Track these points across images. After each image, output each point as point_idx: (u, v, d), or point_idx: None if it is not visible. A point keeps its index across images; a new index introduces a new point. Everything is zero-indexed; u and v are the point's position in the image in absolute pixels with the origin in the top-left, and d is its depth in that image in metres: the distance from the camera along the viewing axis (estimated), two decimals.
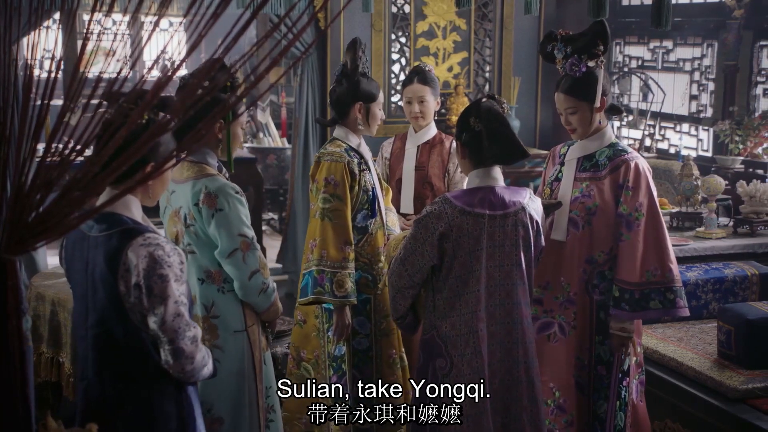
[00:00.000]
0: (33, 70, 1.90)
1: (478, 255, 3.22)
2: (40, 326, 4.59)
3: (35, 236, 1.78)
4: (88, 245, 2.70)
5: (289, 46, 1.70)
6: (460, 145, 3.34)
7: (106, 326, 2.69)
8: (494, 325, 3.28)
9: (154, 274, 2.62)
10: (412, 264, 3.27)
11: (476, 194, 3.25)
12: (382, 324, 4.09)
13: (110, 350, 2.72)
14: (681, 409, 4.23)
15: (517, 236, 3.26)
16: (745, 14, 6.56)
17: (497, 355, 3.29)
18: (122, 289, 2.63)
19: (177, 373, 2.71)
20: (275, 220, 9.73)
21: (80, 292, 2.76)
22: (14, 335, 1.80)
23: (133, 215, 2.73)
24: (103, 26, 1.87)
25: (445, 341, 3.27)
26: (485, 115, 3.26)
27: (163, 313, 2.64)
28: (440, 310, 3.28)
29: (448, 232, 3.20)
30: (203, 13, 1.68)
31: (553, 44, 3.77)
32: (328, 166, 3.92)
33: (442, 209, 3.21)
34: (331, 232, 3.88)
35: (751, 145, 6.38)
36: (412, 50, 7.85)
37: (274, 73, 9.19)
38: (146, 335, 2.69)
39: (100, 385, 2.73)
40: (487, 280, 3.25)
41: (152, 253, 2.63)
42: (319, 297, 3.87)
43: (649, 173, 3.76)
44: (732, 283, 4.89)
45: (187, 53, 1.72)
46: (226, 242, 3.30)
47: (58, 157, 1.82)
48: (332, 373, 4.02)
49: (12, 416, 1.81)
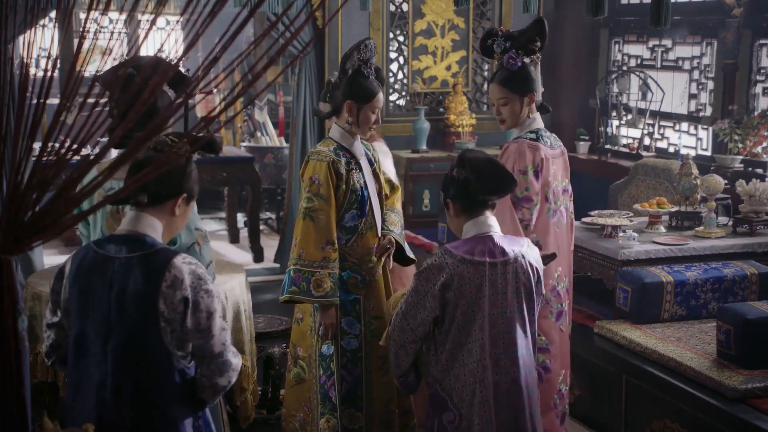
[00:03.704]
0: (29, 68, 1.88)
1: (480, 303, 3.21)
2: (36, 327, 4.56)
3: (31, 236, 1.77)
4: (113, 268, 2.69)
5: (287, 45, 1.69)
6: (450, 203, 3.33)
7: (131, 347, 2.68)
8: (499, 374, 3.26)
9: (201, 290, 2.68)
10: (414, 317, 3.27)
11: (475, 242, 3.25)
12: (373, 325, 4.05)
13: (133, 372, 2.69)
14: (680, 409, 4.22)
15: (518, 283, 3.26)
16: (745, 12, 6.55)
17: (503, 404, 3.26)
18: (161, 307, 2.64)
19: (218, 388, 2.76)
20: (273, 219, 9.71)
21: (99, 316, 2.71)
22: (10, 335, 1.79)
23: (159, 237, 2.77)
24: (99, 25, 1.86)
25: (450, 394, 3.26)
26: (467, 163, 3.27)
27: (211, 326, 2.70)
28: (442, 363, 3.27)
29: (450, 282, 3.20)
30: (200, 11, 1.67)
31: (493, 39, 4.08)
32: (313, 166, 3.91)
33: (442, 260, 3.22)
34: (313, 231, 3.86)
35: (751, 144, 6.36)
36: (410, 49, 7.84)
37: (271, 72, 9.18)
38: (174, 358, 2.70)
39: (117, 410, 2.70)
40: (491, 329, 3.24)
41: (195, 271, 2.70)
42: (293, 296, 3.87)
43: (519, 155, 3.97)
44: (731, 283, 4.88)
45: (185, 52, 1.71)
46: (185, 237, 3.40)
47: (54, 156, 1.81)
48: (321, 372, 4.01)
49: (8, 417, 1.80)
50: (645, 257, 4.97)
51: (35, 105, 1.82)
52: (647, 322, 4.77)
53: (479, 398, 3.22)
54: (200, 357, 2.74)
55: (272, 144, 9.55)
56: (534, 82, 4.05)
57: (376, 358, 4.05)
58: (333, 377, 4.00)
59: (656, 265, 4.94)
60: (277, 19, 1.70)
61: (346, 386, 4.00)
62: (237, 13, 1.79)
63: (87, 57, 1.84)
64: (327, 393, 4.01)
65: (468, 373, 3.24)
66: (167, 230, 2.83)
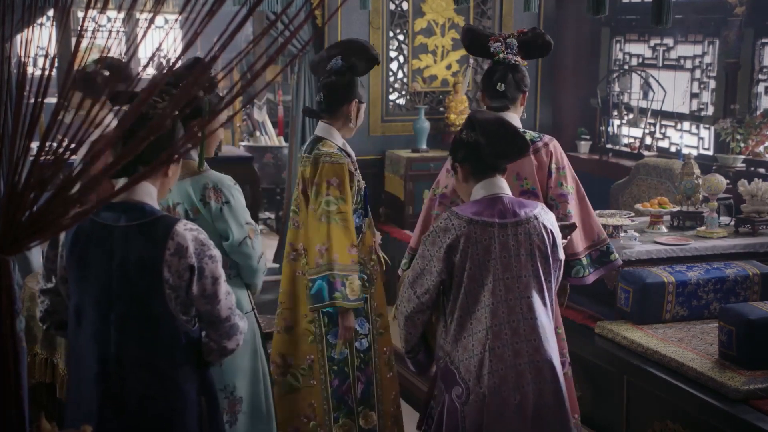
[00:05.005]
0: (27, 67, 1.87)
1: (489, 266, 3.05)
2: (34, 327, 4.55)
3: (29, 236, 1.76)
4: (113, 236, 2.67)
5: (286, 44, 1.67)
6: (459, 167, 3.19)
7: (136, 316, 2.67)
8: (519, 342, 3.06)
9: (205, 256, 2.68)
10: (420, 284, 3.12)
11: (484, 204, 3.10)
12: (377, 323, 4.08)
13: (138, 341, 2.69)
14: (682, 410, 4.20)
15: (532, 246, 3.08)
16: (747, 11, 6.53)
17: (526, 377, 3.07)
18: (166, 275, 2.64)
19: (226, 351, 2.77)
20: (272, 219, 9.70)
21: (100, 286, 2.69)
22: (7, 336, 1.78)
23: (156, 204, 2.75)
24: (97, 23, 1.84)
25: (458, 366, 3.09)
26: (477, 124, 3.11)
27: (216, 292, 2.70)
28: (451, 334, 3.10)
29: (455, 244, 3.04)
30: (199, 10, 1.66)
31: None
32: (331, 168, 3.86)
33: (448, 222, 3.08)
34: (342, 234, 3.83)
35: (753, 143, 6.35)
36: (410, 48, 7.82)
37: (270, 71, 9.18)
38: (179, 322, 2.69)
39: (122, 381, 2.69)
40: (506, 293, 3.06)
41: (197, 237, 2.69)
42: (336, 302, 3.82)
43: None
44: (733, 283, 4.86)
45: (183, 51, 1.70)
46: (237, 232, 3.45)
47: (52, 156, 1.80)
48: (333, 377, 3.98)
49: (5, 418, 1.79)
50: (646, 257, 4.96)
51: (33, 104, 1.81)
52: (649, 323, 4.76)
53: (489, 369, 3.03)
54: (207, 322, 2.74)
55: (271, 143, 9.54)
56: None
57: (382, 353, 4.08)
58: (348, 381, 3.99)
59: (658, 266, 4.92)
60: (276, 18, 1.69)
61: (361, 387, 4.01)
62: (236, 12, 1.78)
63: (85, 56, 1.83)
64: (342, 397, 3.99)
65: (476, 343, 3.05)
66: (161, 192, 2.80)
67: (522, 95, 4.06)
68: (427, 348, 3.29)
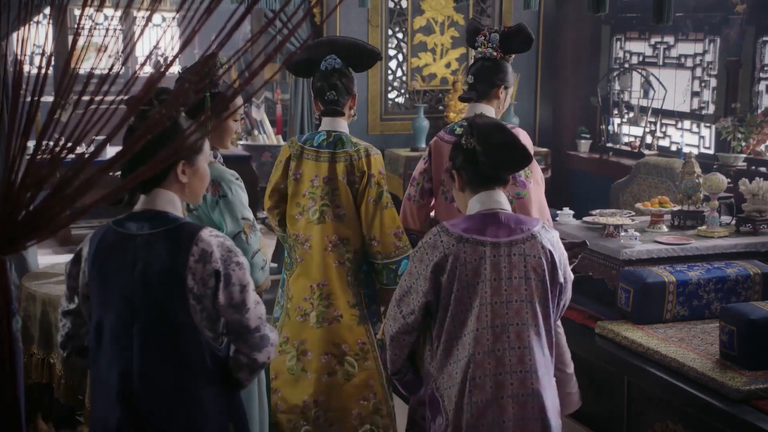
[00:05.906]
0: (23, 66, 1.86)
1: (477, 289, 2.85)
2: (30, 327, 4.54)
3: (25, 235, 1.75)
4: (135, 245, 2.58)
5: (284, 42, 1.65)
6: (456, 174, 3.01)
7: (159, 329, 2.56)
8: (503, 373, 2.85)
9: (231, 262, 2.57)
10: (407, 304, 2.94)
11: (477, 220, 2.91)
12: None
13: (161, 356, 2.57)
14: (682, 410, 4.19)
15: (527, 267, 2.87)
16: (748, 9, 6.52)
17: (508, 412, 2.85)
18: (190, 284, 2.53)
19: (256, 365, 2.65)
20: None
21: (122, 298, 2.58)
22: (4, 336, 1.77)
23: (179, 212, 2.66)
24: (94, 21, 1.83)
25: (442, 395, 2.90)
26: (476, 130, 2.94)
27: (245, 300, 2.59)
28: (437, 359, 2.92)
29: (443, 263, 2.86)
30: (197, 8, 1.64)
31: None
32: (378, 159, 4.13)
33: (437, 238, 2.90)
34: (399, 219, 4.17)
35: (754, 142, 6.34)
36: (409, 46, 7.81)
37: (269, 70, 9.16)
38: (204, 338, 2.58)
39: (146, 400, 2.57)
40: (493, 319, 2.85)
41: (223, 243, 2.59)
42: None
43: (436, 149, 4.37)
44: (734, 283, 4.85)
45: (180, 49, 1.68)
46: (230, 226, 3.47)
47: (48, 155, 1.79)
48: (381, 352, 4.08)
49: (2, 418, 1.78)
50: (647, 257, 4.94)
51: (29, 103, 1.80)
52: (649, 323, 4.74)
53: (467, 400, 2.83)
54: (236, 334, 2.62)
55: (269, 142, 9.53)
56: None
57: None
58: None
59: (658, 265, 4.91)
60: (274, 16, 1.67)
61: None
62: (234, 10, 1.76)
63: (82, 54, 1.81)
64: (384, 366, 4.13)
65: (459, 371, 2.85)
66: (190, 196, 2.71)
67: (496, 89, 4.09)
68: (416, 369, 3.13)
